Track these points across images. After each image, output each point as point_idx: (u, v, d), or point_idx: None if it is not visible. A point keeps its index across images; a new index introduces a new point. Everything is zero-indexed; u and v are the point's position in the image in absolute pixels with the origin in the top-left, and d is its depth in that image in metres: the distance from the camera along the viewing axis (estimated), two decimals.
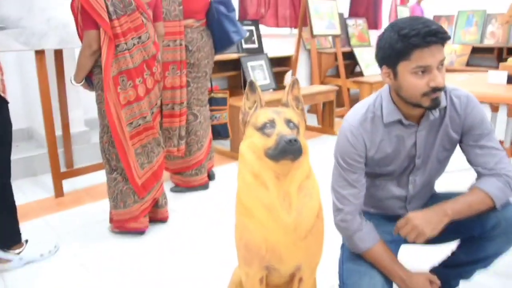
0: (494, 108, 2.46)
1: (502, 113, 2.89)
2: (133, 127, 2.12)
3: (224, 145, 3.79)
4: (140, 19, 2.08)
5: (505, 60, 6.16)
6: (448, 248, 1.55)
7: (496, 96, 2.06)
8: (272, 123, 1.14)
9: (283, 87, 4.25)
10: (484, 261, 1.43)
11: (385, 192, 1.48)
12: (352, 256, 1.41)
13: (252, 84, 1.22)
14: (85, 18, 1.98)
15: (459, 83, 2.34)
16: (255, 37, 4.39)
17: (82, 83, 2.14)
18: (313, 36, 4.46)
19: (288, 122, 1.16)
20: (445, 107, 1.34)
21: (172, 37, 2.57)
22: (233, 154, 3.52)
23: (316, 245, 1.21)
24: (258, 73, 3.97)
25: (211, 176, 3.04)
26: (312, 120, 4.78)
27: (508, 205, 1.34)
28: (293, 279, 1.27)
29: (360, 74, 5.36)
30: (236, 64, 4.05)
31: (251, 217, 1.14)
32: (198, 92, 2.78)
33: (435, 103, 1.25)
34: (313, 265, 1.24)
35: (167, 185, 2.87)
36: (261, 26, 4.51)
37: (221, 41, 2.80)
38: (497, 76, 2.22)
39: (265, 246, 1.14)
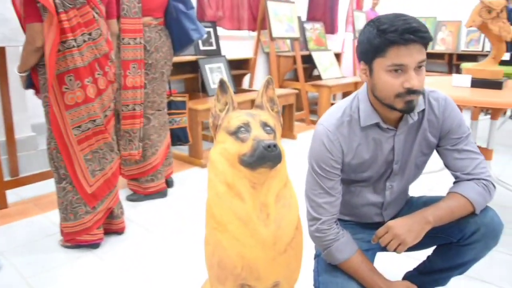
0: None
1: (466, 115, 2.91)
2: (82, 131, 1.95)
3: (182, 150, 3.64)
4: (91, 14, 1.92)
5: (456, 65, 6.42)
6: (422, 254, 1.51)
7: (461, 99, 2.06)
8: (247, 126, 1.04)
9: (243, 90, 4.17)
10: (461, 267, 1.39)
11: (360, 199, 1.41)
12: (328, 267, 1.32)
13: (223, 84, 1.12)
14: (27, 9, 1.79)
15: (425, 85, 2.34)
16: (212, 39, 4.27)
17: (26, 73, 1.94)
18: (272, 39, 4.40)
19: (264, 125, 1.06)
20: (423, 110, 1.29)
21: (133, 35, 2.43)
22: (192, 159, 3.38)
23: (295, 260, 1.11)
24: (217, 75, 3.85)
25: (169, 183, 2.89)
26: None
27: (486, 210, 1.30)
28: None
29: (318, 77, 5.37)
30: (193, 67, 3.91)
31: (225, 232, 1.03)
32: (153, 94, 2.63)
33: (409, 107, 1.18)
34: (292, 281, 1.15)
35: (123, 193, 2.69)
36: (218, 28, 4.40)
37: (180, 40, 2.67)
38: (461, 80, 2.23)
39: (241, 263, 1.03)
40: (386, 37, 1.12)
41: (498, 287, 1.84)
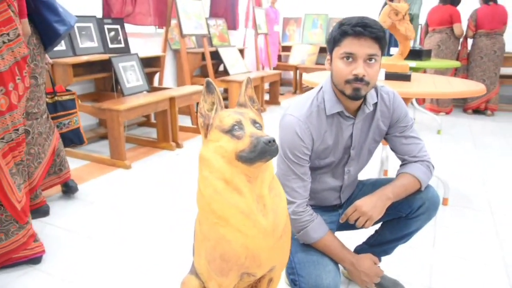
0: None
1: None
2: (6, 142, 1.81)
3: (102, 152, 3.50)
4: (9, 12, 1.76)
5: None
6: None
7: None
8: (239, 124, 1.10)
9: (157, 89, 4.11)
10: (406, 237, 1.62)
11: (321, 184, 1.55)
12: (302, 247, 1.45)
13: (209, 84, 1.16)
14: None
15: None
16: (121, 36, 4.13)
17: None
18: (182, 36, 4.39)
19: (254, 122, 1.13)
20: (376, 103, 1.47)
21: None
22: (114, 161, 3.26)
23: (287, 244, 1.21)
24: (130, 74, 3.74)
25: (72, 188, 2.67)
26: (186, 121, 4.72)
27: (428, 186, 1.53)
28: (260, 280, 1.25)
29: (224, 73, 5.47)
30: (104, 66, 3.75)
31: (227, 226, 1.08)
32: (27, 104, 2.21)
33: (356, 94, 1.35)
34: (284, 264, 1.24)
35: None
36: (126, 25, 4.26)
37: (46, 34, 2.29)
38: None
39: (245, 253, 1.09)
40: (341, 29, 1.32)
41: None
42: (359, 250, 1.76)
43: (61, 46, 3.53)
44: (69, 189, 2.68)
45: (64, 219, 2.40)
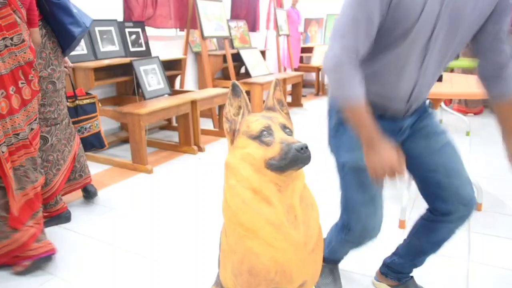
0: None
1: None
2: (6, 145, 1.78)
3: (124, 157, 3.47)
4: (13, 17, 1.75)
5: None
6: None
7: None
8: (269, 130, 1.02)
9: (178, 92, 4.07)
10: (437, 244, 1.52)
11: (392, 76, 1.27)
12: (354, 182, 1.37)
13: (235, 87, 1.09)
14: None
15: None
16: (142, 39, 4.11)
17: None
18: (203, 38, 4.35)
19: (284, 127, 1.06)
20: None
21: None
22: (136, 166, 3.23)
23: (320, 257, 1.12)
24: (152, 77, 3.72)
25: (91, 193, 2.64)
26: (208, 124, 4.67)
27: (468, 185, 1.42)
28: None
29: (245, 75, 5.41)
30: (125, 69, 3.73)
31: (256, 238, 1.01)
32: (44, 110, 2.22)
33: None
34: (316, 277, 1.15)
35: None
36: (147, 28, 4.24)
37: (62, 37, 2.23)
38: None
39: (274, 268, 1.01)
40: None
41: None
42: (389, 262, 1.67)
43: (83, 50, 3.53)
44: (88, 194, 2.65)
45: (86, 225, 2.36)
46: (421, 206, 2.63)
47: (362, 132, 1.17)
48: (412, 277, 1.71)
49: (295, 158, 0.96)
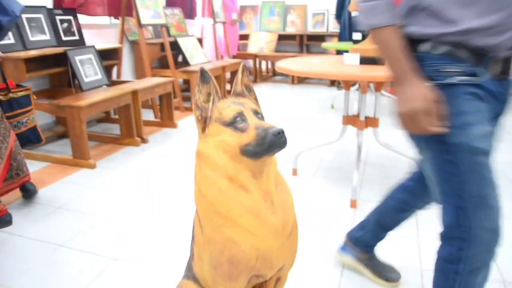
0: (347, 86, 2.73)
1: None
2: None
3: (63, 153, 3.28)
4: None
5: (306, 45, 6.97)
6: None
7: (352, 75, 2.28)
8: (241, 116, 1.01)
9: (117, 83, 3.90)
10: None
11: None
12: (478, 173, 1.04)
13: (204, 73, 1.05)
14: None
15: (317, 65, 2.52)
16: (74, 28, 3.88)
17: None
18: (140, 26, 4.19)
19: (256, 113, 1.05)
20: None
21: None
22: (77, 161, 3.06)
23: (297, 241, 1.13)
24: (88, 68, 3.53)
25: (31, 191, 2.49)
26: (148, 115, 4.53)
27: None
28: (267, 280, 1.17)
29: (183, 64, 5.30)
30: (58, 60, 3.50)
31: (235, 227, 0.99)
32: None
33: None
34: (293, 262, 1.16)
35: None
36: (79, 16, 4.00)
37: None
38: (351, 58, 2.46)
39: (255, 255, 1.01)
40: None
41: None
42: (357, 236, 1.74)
43: (10, 40, 3.26)
44: (27, 193, 2.48)
45: (30, 227, 2.21)
46: (369, 186, 2.75)
47: (393, 66, 1.04)
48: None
49: (272, 143, 0.95)
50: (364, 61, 2.48)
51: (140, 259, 1.92)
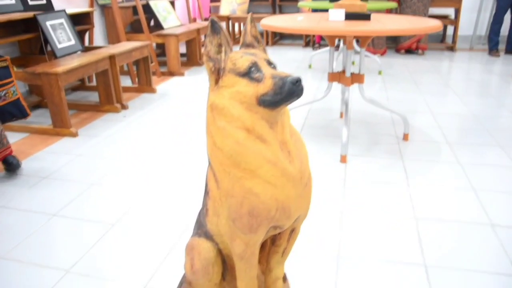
0: (331, 43, 2.71)
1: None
2: None
3: (41, 123, 3.17)
4: None
5: (279, 6, 6.85)
6: None
7: (338, 31, 2.26)
8: (256, 66, 0.98)
9: (91, 48, 3.75)
10: None
11: None
12: None
13: (214, 24, 1.01)
14: None
15: (302, 21, 2.48)
16: None
17: None
18: None
19: (269, 62, 1.02)
20: None
21: None
22: (58, 130, 2.97)
23: (311, 191, 1.13)
24: (61, 33, 3.37)
25: (14, 165, 2.41)
26: (125, 81, 4.41)
27: None
28: (281, 232, 1.18)
29: (156, 28, 5.14)
30: (27, 25, 3.33)
31: (254, 178, 0.98)
32: None
33: None
34: (308, 212, 1.17)
35: None
36: None
37: None
38: (336, 14, 2.43)
39: (275, 205, 1.01)
40: None
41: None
42: None
43: None
44: (10, 166, 2.40)
45: (19, 199, 2.15)
46: (356, 142, 2.79)
47: None
48: None
49: (290, 92, 0.93)
50: (350, 16, 2.46)
51: (139, 223, 1.91)
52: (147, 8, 4.96)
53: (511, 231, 1.84)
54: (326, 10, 3.58)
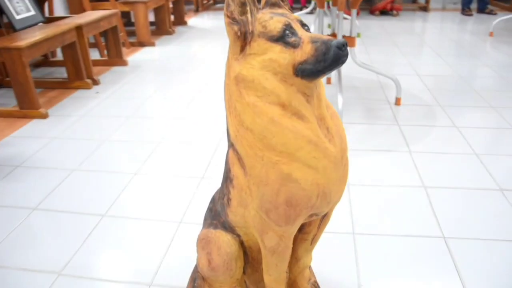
0: (321, 4, 2.54)
1: None
2: None
3: (4, 104, 2.89)
4: None
5: None
6: None
7: None
8: (290, 28, 0.82)
9: (53, 19, 3.42)
10: None
11: None
12: None
13: None
14: None
15: None
16: None
17: None
18: None
19: (302, 24, 0.86)
20: None
21: None
22: (25, 112, 2.70)
23: (348, 170, 0.99)
24: (18, 3, 3.04)
25: None
26: (92, 54, 4.10)
27: None
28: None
29: None
30: None
31: (293, 162, 0.84)
32: None
33: None
34: (342, 195, 1.02)
35: None
36: None
37: None
38: None
39: (316, 192, 0.87)
40: None
41: None
42: None
43: None
44: None
45: None
46: (350, 109, 2.67)
47: None
48: None
49: (336, 58, 0.78)
50: None
51: (131, 211, 1.74)
52: None
53: None
54: None
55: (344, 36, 2.51)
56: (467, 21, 5.58)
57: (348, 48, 2.57)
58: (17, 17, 2.99)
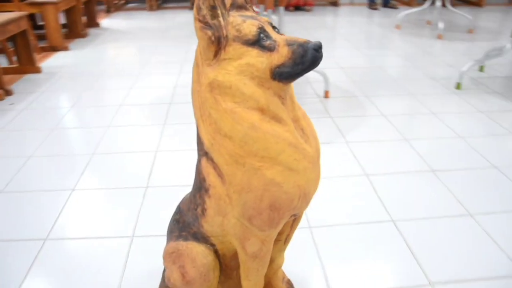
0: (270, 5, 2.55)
1: None
2: None
3: None
4: None
5: None
6: None
7: None
8: (264, 32, 0.81)
9: None
10: None
11: None
12: None
13: None
14: None
15: None
16: None
17: None
18: None
19: (273, 27, 0.86)
20: None
21: None
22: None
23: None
24: None
25: None
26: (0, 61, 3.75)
27: None
28: None
29: None
30: None
31: (275, 166, 0.83)
32: None
33: None
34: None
35: None
36: None
37: None
38: None
39: (298, 194, 0.87)
40: None
41: None
42: None
43: None
44: None
45: None
46: (337, 80, 2.71)
47: None
48: None
49: (314, 59, 0.79)
50: None
51: (75, 232, 1.62)
52: None
53: (451, 174, 1.95)
54: None
55: None
56: (374, 14, 5.93)
57: None
58: None
